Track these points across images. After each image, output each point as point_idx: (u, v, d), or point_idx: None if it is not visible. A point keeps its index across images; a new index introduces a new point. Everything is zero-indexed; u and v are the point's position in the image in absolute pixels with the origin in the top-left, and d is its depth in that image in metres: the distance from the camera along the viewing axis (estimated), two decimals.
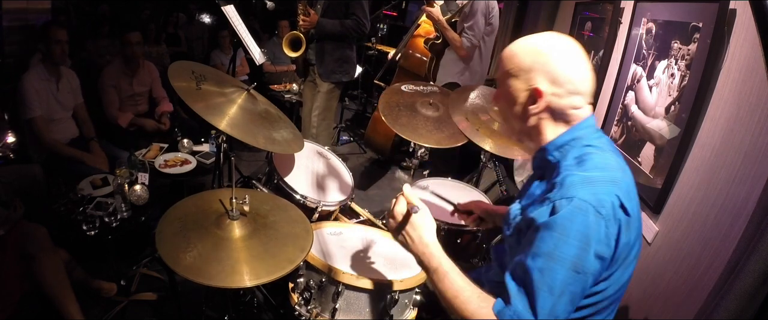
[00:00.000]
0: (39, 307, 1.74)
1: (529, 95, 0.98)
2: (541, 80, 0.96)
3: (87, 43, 4.30)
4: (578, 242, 0.86)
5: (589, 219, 0.85)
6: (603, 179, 0.90)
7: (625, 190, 0.91)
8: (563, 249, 0.86)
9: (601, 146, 0.98)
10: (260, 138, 1.52)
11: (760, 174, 1.08)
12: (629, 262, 0.95)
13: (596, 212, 0.86)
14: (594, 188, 0.88)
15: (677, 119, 1.42)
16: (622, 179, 0.92)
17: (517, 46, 1.01)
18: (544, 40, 0.99)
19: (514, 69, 0.99)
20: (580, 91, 0.97)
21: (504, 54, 1.02)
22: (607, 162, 0.94)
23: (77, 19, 4.61)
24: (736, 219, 1.13)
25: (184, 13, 6.09)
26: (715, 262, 1.18)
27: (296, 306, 1.39)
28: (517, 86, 0.99)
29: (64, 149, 2.49)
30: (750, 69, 1.17)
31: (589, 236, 0.86)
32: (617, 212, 0.88)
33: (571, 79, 0.95)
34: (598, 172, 0.91)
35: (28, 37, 3.07)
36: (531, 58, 0.97)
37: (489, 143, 1.89)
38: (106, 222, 1.89)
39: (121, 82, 2.95)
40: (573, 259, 0.86)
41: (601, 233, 0.86)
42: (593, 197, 0.87)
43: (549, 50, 0.96)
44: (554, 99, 0.97)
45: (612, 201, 0.87)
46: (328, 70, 3.04)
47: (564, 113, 0.98)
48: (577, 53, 0.97)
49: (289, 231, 1.37)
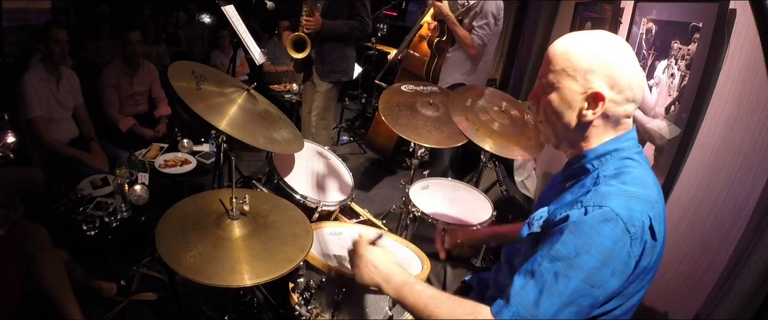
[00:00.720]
0: (39, 307, 1.74)
1: (585, 98, 0.90)
2: (601, 83, 0.88)
3: (87, 43, 4.30)
4: (600, 255, 0.82)
5: (617, 233, 0.81)
6: (640, 196, 0.85)
7: (658, 213, 0.86)
8: (584, 258, 0.82)
9: (641, 161, 0.93)
10: (260, 138, 1.52)
11: (760, 174, 1.08)
12: (642, 286, 0.91)
13: (625, 228, 0.82)
14: (629, 203, 0.83)
15: (677, 119, 1.42)
16: (658, 201, 0.87)
17: (573, 44, 0.92)
18: (603, 39, 0.91)
19: (569, 68, 0.90)
20: (636, 98, 0.90)
21: (556, 51, 0.93)
22: (646, 180, 0.89)
23: (77, 19, 4.62)
24: (736, 219, 1.13)
25: (184, 13, 6.09)
26: (715, 262, 1.18)
27: (296, 306, 1.38)
28: (571, 87, 0.91)
29: (64, 149, 2.49)
30: (750, 69, 1.17)
31: (613, 252, 0.82)
32: (646, 233, 0.84)
33: (631, 85, 0.89)
34: (637, 188, 0.86)
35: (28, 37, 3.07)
36: (591, 57, 0.89)
37: (489, 143, 1.89)
38: (106, 222, 1.89)
39: (121, 81, 2.95)
40: (591, 271, 0.82)
41: (624, 251, 0.82)
42: (626, 211, 0.82)
43: (610, 52, 0.89)
44: (611, 106, 0.90)
45: (643, 221, 0.83)
46: (327, 70, 3.04)
47: (616, 121, 0.92)
48: (634, 58, 0.90)
49: (289, 231, 1.37)
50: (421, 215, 1.89)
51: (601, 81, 0.88)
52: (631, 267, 0.84)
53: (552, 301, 0.83)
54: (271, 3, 3.43)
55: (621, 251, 0.82)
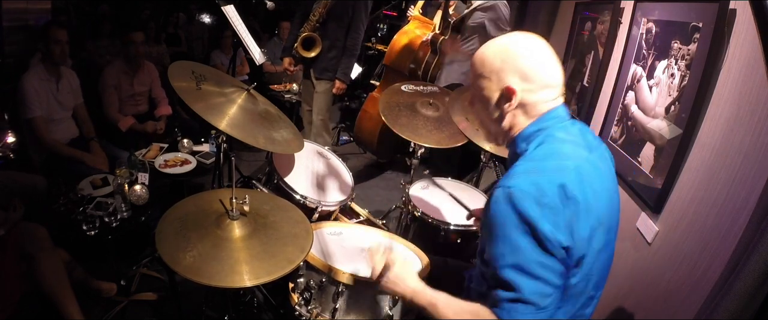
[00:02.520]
0: (39, 307, 1.74)
1: (501, 94, 1.01)
2: (512, 78, 0.99)
3: (87, 43, 4.30)
4: (523, 227, 0.89)
5: (530, 207, 0.89)
6: (549, 168, 0.94)
7: (575, 177, 0.93)
8: (510, 233, 0.90)
9: (562, 135, 1.00)
10: (260, 138, 1.52)
11: (760, 174, 1.08)
12: (594, 252, 0.96)
13: (537, 201, 0.89)
14: (534, 177, 0.92)
15: (677, 119, 1.42)
16: (572, 166, 0.94)
17: (486, 49, 1.04)
18: (509, 39, 1.02)
19: (485, 71, 1.02)
20: (550, 84, 1.00)
21: (474, 58, 1.05)
22: (557, 150, 0.98)
23: (77, 19, 4.62)
24: (736, 219, 1.13)
25: (184, 13, 6.09)
26: (715, 262, 1.18)
27: (296, 306, 1.39)
28: (489, 87, 1.02)
29: (64, 149, 2.48)
30: (750, 69, 1.17)
31: (533, 222, 0.88)
32: (562, 198, 0.90)
33: (542, 74, 0.99)
34: (543, 162, 0.96)
35: (28, 37, 3.07)
36: (500, 58, 1.00)
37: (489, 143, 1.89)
38: (106, 222, 1.89)
39: (121, 82, 2.96)
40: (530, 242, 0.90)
41: (547, 222, 0.88)
42: (532, 186, 0.90)
43: (516, 48, 0.99)
44: (526, 95, 1.00)
45: (554, 189, 0.90)
46: (322, 68, 3.06)
47: (536, 107, 1.01)
48: (543, 48, 1.00)
49: (289, 231, 1.37)
50: (421, 215, 1.89)
51: (513, 76, 0.99)
52: (565, 233, 0.90)
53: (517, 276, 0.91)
54: (271, 3, 3.44)
55: (536, 219, 0.88)
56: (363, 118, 3.69)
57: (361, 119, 3.73)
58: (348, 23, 2.99)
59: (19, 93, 2.35)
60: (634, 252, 1.58)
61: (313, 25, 2.98)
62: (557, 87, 1.02)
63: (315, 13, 2.95)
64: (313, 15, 2.97)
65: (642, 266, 1.53)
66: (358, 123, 3.76)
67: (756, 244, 1.00)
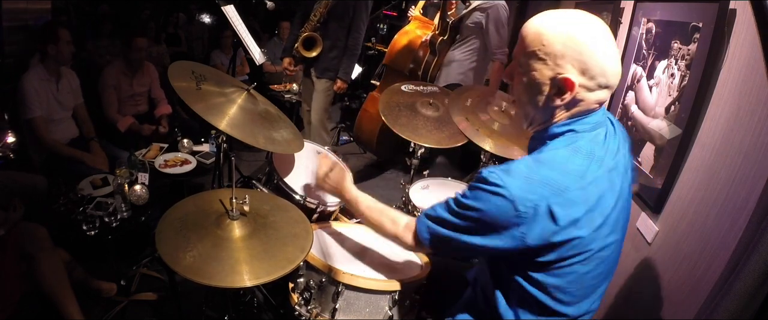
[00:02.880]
0: (39, 307, 1.74)
1: (554, 83, 0.90)
2: (572, 69, 0.87)
3: (87, 43, 4.30)
4: (471, 213, 0.95)
5: (501, 205, 0.89)
6: (549, 181, 0.88)
7: (571, 202, 0.88)
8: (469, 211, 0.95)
9: (583, 144, 0.93)
10: (260, 138, 1.52)
11: (760, 174, 1.08)
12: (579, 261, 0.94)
13: (513, 206, 0.88)
14: (529, 187, 0.88)
15: (677, 119, 1.42)
16: (570, 187, 0.88)
17: (547, 24, 0.89)
18: (577, 21, 0.88)
19: (541, 51, 0.88)
20: (610, 85, 0.90)
21: (530, 30, 0.91)
22: (566, 165, 0.91)
23: (77, 19, 4.62)
24: (736, 219, 1.13)
25: (184, 13, 6.09)
26: (715, 262, 1.18)
27: (296, 306, 1.38)
28: (542, 71, 0.90)
29: (64, 149, 2.49)
30: (750, 69, 1.17)
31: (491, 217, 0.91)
32: (541, 217, 0.88)
33: (605, 71, 0.87)
34: (553, 174, 0.89)
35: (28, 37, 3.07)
36: (564, 42, 0.86)
37: (489, 143, 1.89)
38: (106, 222, 1.89)
39: (121, 82, 2.95)
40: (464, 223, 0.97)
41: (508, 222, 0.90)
42: (520, 193, 0.88)
43: (584, 37, 0.86)
44: (582, 91, 0.89)
45: (537, 203, 0.87)
46: (323, 68, 3.06)
47: (581, 106, 0.92)
48: (612, 41, 0.88)
49: (289, 231, 1.37)
50: None
51: (573, 67, 0.87)
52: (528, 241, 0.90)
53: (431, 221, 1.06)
54: (271, 3, 3.44)
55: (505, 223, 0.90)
56: (363, 117, 3.69)
57: (361, 119, 3.73)
58: (349, 23, 2.99)
59: (19, 93, 2.35)
60: (634, 252, 1.58)
61: (313, 25, 2.98)
62: (612, 89, 0.91)
63: (315, 13, 2.96)
64: (313, 15, 2.97)
65: (642, 266, 1.53)
66: (358, 123, 3.76)
67: (756, 244, 1.00)
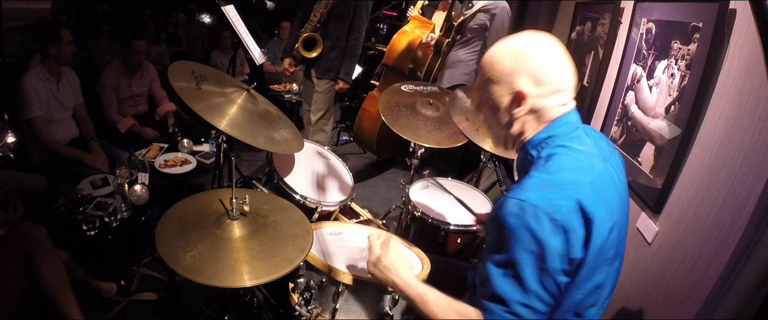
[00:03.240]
0: (39, 307, 1.74)
1: (512, 98, 0.96)
2: (523, 81, 0.94)
3: (87, 43, 4.30)
4: (531, 244, 0.87)
5: (541, 224, 0.86)
6: (565, 182, 0.89)
7: (591, 193, 0.89)
8: (519, 253, 0.88)
9: (574, 145, 0.96)
10: (260, 138, 1.52)
11: (760, 174, 1.08)
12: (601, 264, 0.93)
13: (550, 218, 0.86)
14: (549, 193, 0.88)
15: (677, 119, 1.42)
16: (588, 181, 0.90)
17: (496, 51, 0.98)
18: (522, 40, 0.96)
19: (495, 75, 0.97)
20: (563, 88, 0.95)
21: (484, 61, 1.00)
22: (572, 163, 0.93)
23: (77, 19, 4.62)
24: (736, 219, 1.13)
25: (184, 13, 6.09)
26: (715, 262, 1.18)
27: (296, 306, 1.38)
28: (499, 92, 0.97)
29: (64, 149, 2.48)
30: (750, 69, 1.17)
31: (542, 240, 0.86)
32: (576, 216, 0.87)
33: (554, 77, 0.94)
34: (559, 175, 0.91)
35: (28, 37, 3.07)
36: (511, 61, 0.94)
37: (489, 143, 1.89)
38: (106, 222, 1.89)
39: (120, 83, 2.95)
40: (533, 260, 0.87)
41: (558, 239, 0.86)
42: (546, 202, 0.87)
43: (528, 50, 0.94)
44: (538, 100, 0.95)
45: (569, 206, 0.87)
46: (324, 68, 3.06)
47: (548, 112, 0.97)
48: (557, 50, 0.95)
49: (289, 231, 1.37)
50: (421, 215, 1.90)
51: (525, 80, 0.93)
52: (576, 251, 0.88)
53: (517, 294, 0.90)
54: (271, 3, 3.44)
55: (552, 238, 0.86)
56: (363, 117, 3.70)
57: (360, 118, 3.74)
58: (349, 23, 3.00)
59: (19, 93, 2.35)
60: (634, 252, 1.58)
61: (314, 25, 2.98)
62: (570, 91, 0.97)
63: (316, 13, 2.96)
64: (314, 15, 2.97)
65: (642, 266, 1.53)
66: (358, 122, 3.77)
67: (756, 244, 1.00)
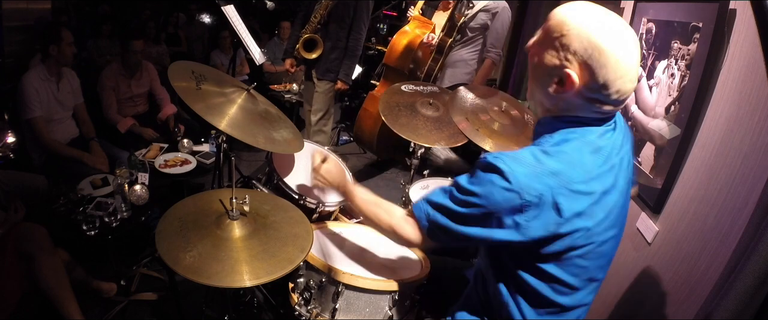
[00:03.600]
0: (39, 307, 1.74)
1: (559, 75, 0.89)
2: (583, 70, 0.86)
3: (87, 43, 4.30)
4: (471, 198, 0.93)
5: (504, 192, 0.88)
6: (553, 171, 0.89)
7: (574, 191, 0.89)
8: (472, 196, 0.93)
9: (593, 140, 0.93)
10: (260, 138, 1.52)
11: (760, 174, 1.08)
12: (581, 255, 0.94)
13: (517, 193, 0.88)
14: (533, 173, 0.88)
15: (677, 119, 1.42)
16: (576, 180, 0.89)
17: (574, 19, 0.86)
18: (606, 27, 0.84)
19: (558, 40, 0.87)
20: (623, 93, 0.87)
21: (556, 17, 0.89)
22: (574, 158, 0.91)
23: (77, 19, 4.62)
24: (736, 219, 1.13)
25: (184, 13, 6.09)
26: (715, 262, 1.18)
27: (296, 306, 1.39)
28: (551, 59, 0.89)
29: (64, 149, 2.48)
30: (750, 69, 1.17)
31: (493, 203, 0.90)
32: (545, 206, 0.88)
33: (620, 87, 0.86)
34: (557, 165, 0.89)
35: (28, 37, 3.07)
36: (584, 43, 0.84)
37: (489, 143, 1.88)
38: (106, 222, 1.89)
39: (119, 83, 2.95)
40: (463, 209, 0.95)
41: (510, 209, 0.89)
42: (525, 179, 0.88)
43: (611, 46, 0.83)
44: (587, 92, 0.88)
45: (542, 193, 0.87)
46: (324, 69, 3.06)
47: (593, 106, 0.90)
48: (634, 60, 0.86)
49: (289, 231, 1.37)
50: None
51: (585, 71, 0.86)
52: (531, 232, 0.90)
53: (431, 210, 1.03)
54: (271, 3, 3.45)
55: (507, 208, 0.89)
56: (363, 116, 3.70)
57: (360, 118, 3.74)
58: (350, 24, 3.00)
59: (19, 93, 2.35)
60: (634, 252, 1.58)
61: (314, 26, 2.98)
62: (617, 107, 0.91)
63: (316, 14, 2.96)
64: (314, 16, 2.97)
65: (642, 266, 1.53)
66: (358, 122, 3.77)
67: (756, 244, 1.00)
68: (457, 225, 0.98)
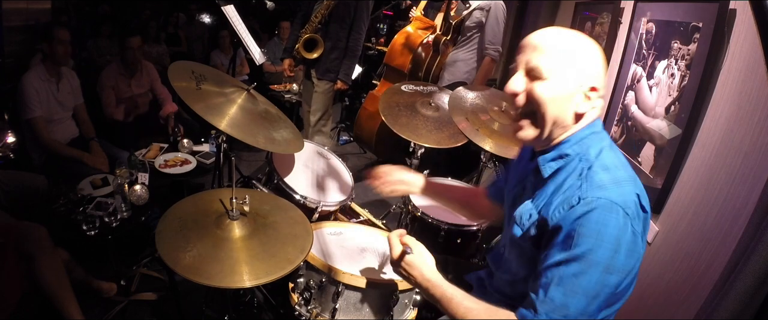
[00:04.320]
0: (39, 307, 1.74)
1: (583, 91, 0.94)
2: (595, 79, 0.95)
3: (87, 43, 4.30)
4: (611, 244, 0.86)
5: (620, 221, 0.86)
6: (625, 178, 0.91)
7: (640, 186, 0.93)
8: (598, 253, 0.86)
9: (610, 144, 0.99)
10: (260, 138, 1.52)
11: (760, 174, 1.08)
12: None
13: (625, 213, 0.86)
14: (620, 189, 0.88)
15: (677, 119, 1.42)
16: (636, 175, 0.95)
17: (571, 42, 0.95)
18: (587, 41, 0.96)
19: (570, 63, 0.93)
20: (603, 95, 0.99)
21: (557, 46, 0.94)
22: (622, 160, 0.97)
23: (77, 19, 4.62)
24: (736, 219, 1.13)
25: (184, 13, 6.09)
26: (715, 262, 1.18)
27: (296, 306, 1.39)
28: (571, 79, 0.93)
29: (64, 149, 2.48)
30: (750, 69, 1.17)
31: (620, 238, 0.86)
32: (639, 211, 0.89)
33: (603, 84, 0.97)
34: (621, 171, 0.93)
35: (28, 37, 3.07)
36: (587, 57, 0.94)
37: (489, 143, 1.89)
38: (106, 222, 1.89)
39: (119, 83, 2.96)
40: (607, 261, 0.86)
41: (629, 233, 0.87)
42: (621, 197, 0.87)
43: (594, 53, 0.95)
44: (597, 101, 0.97)
45: (634, 200, 0.89)
46: (324, 69, 3.06)
47: (593, 113, 0.98)
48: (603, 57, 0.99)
49: (289, 231, 1.37)
50: (421, 215, 1.90)
51: (595, 79, 0.95)
52: (639, 245, 0.90)
53: (578, 299, 0.87)
54: (271, 3, 3.45)
55: (627, 234, 0.87)
56: (363, 116, 3.70)
57: (360, 117, 3.75)
58: (350, 24, 3.00)
59: (19, 93, 2.35)
60: None
61: (314, 26, 2.98)
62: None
63: (316, 14, 2.96)
64: (314, 16, 2.97)
65: (642, 266, 1.51)
66: (358, 121, 3.77)
67: (756, 244, 1.00)
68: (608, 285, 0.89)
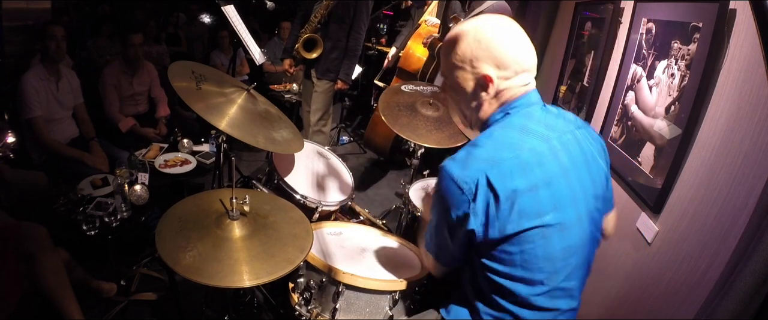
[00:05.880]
0: (39, 307, 1.74)
1: (477, 83, 0.99)
2: (487, 66, 0.97)
3: (87, 43, 4.30)
4: (438, 206, 1.02)
5: (450, 188, 0.96)
6: (480, 156, 0.95)
7: (506, 170, 0.93)
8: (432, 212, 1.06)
9: (519, 121, 0.99)
10: (260, 138, 1.52)
11: (760, 174, 1.08)
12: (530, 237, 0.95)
13: (457, 186, 0.94)
14: (464, 164, 0.95)
15: (677, 119, 1.42)
16: (505, 158, 0.94)
17: (456, 37, 1.00)
18: (479, 25, 0.98)
19: (457, 60, 1.00)
20: (525, 69, 0.99)
21: (445, 48, 1.03)
22: (499, 140, 0.98)
23: (77, 19, 4.62)
24: (736, 219, 1.13)
25: (184, 13, 6.09)
26: (715, 262, 1.18)
27: (296, 306, 1.39)
28: (464, 77, 1.00)
29: (64, 149, 2.48)
30: (750, 69, 1.17)
31: (448, 203, 0.97)
32: (482, 189, 0.93)
33: (517, 59, 0.97)
34: (481, 150, 0.97)
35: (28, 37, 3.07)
36: (473, 45, 0.97)
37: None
38: (106, 222, 1.89)
39: (121, 81, 2.96)
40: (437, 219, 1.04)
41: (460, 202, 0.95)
42: (459, 172, 0.95)
43: (489, 34, 0.96)
44: (502, 82, 0.98)
45: (477, 179, 0.93)
46: (324, 69, 3.06)
47: (509, 93, 1.00)
48: (516, 31, 0.99)
49: (289, 231, 1.37)
50: (421, 215, 1.89)
51: (488, 64, 0.97)
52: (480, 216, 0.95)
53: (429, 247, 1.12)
54: (271, 3, 3.45)
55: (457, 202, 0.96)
56: (377, 121, 3.69)
57: (374, 122, 3.73)
58: (350, 24, 3.00)
59: (19, 93, 2.35)
60: (634, 252, 1.58)
61: (314, 26, 2.98)
62: (531, 71, 1.00)
63: (316, 14, 2.96)
64: (314, 16, 2.97)
65: (642, 266, 1.53)
66: (371, 125, 3.76)
67: (756, 244, 1.00)
68: (439, 234, 1.05)
